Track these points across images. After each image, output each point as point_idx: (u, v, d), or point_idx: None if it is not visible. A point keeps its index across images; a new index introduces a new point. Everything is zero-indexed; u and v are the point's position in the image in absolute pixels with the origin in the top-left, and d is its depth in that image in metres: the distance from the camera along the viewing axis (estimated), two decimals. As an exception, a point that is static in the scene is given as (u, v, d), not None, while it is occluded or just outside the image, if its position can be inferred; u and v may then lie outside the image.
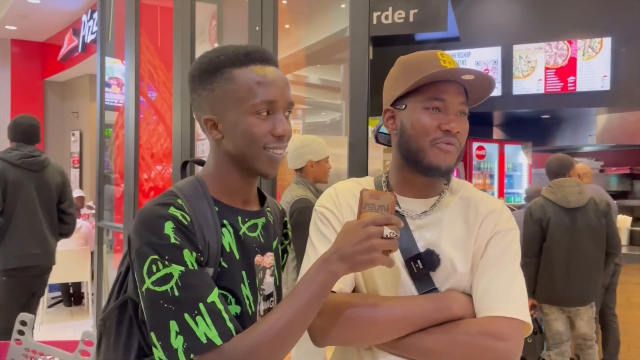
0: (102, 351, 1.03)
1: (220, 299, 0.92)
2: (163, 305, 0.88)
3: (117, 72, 6.22)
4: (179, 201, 0.95)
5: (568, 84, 5.32)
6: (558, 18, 5.33)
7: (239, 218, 1.04)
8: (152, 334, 0.89)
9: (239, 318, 0.97)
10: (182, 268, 0.90)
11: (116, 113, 5.60)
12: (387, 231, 0.91)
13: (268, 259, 1.09)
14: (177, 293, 0.88)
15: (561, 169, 3.43)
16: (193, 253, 0.92)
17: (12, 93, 10.51)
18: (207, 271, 0.95)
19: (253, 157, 1.00)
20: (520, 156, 6.82)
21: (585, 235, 3.26)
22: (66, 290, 6.13)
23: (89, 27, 8.39)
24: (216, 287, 0.93)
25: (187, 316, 0.88)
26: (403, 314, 1.01)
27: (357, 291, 1.12)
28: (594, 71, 5.20)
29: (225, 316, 0.91)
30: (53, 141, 11.16)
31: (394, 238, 0.92)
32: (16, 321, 1.84)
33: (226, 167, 1.03)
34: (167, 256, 0.90)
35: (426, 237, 1.10)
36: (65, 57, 9.66)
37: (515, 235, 1.12)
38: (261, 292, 1.07)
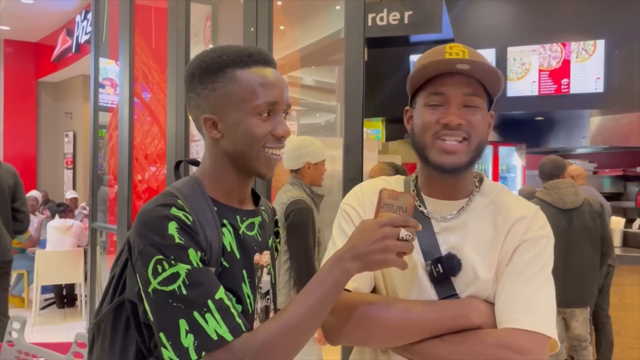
0: (96, 355, 1.02)
1: (227, 296, 0.92)
2: (171, 304, 0.87)
3: (111, 73, 6.19)
4: (180, 201, 0.95)
5: (562, 86, 5.34)
6: (552, 20, 5.36)
7: (238, 217, 1.03)
8: (161, 335, 0.88)
9: None
10: (189, 266, 0.89)
11: (110, 114, 5.58)
12: (404, 233, 0.90)
13: (265, 257, 1.09)
14: (185, 291, 0.88)
15: (555, 171, 3.44)
16: (198, 252, 0.91)
17: (5, 94, 10.45)
18: (211, 270, 0.95)
19: (252, 157, 1.00)
20: (514, 158, 6.84)
21: (581, 236, 3.27)
22: (59, 291, 6.10)
23: (83, 28, 8.36)
24: (221, 285, 0.93)
25: (197, 314, 0.87)
26: (416, 319, 0.98)
27: (377, 292, 1.10)
28: (588, 73, 5.23)
29: (234, 312, 0.90)
30: (46, 142, 11.10)
31: (410, 240, 0.90)
32: (9, 322, 1.83)
33: (223, 167, 1.03)
34: (173, 256, 0.89)
35: (450, 241, 1.06)
36: (58, 58, 9.62)
37: (547, 244, 1.06)
38: (259, 290, 1.07)
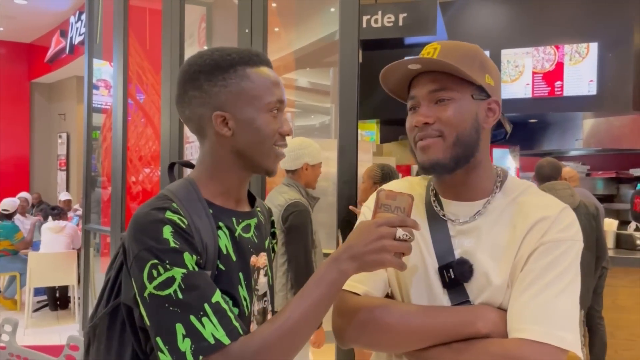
0: (92, 358, 1.01)
1: (223, 299, 0.91)
2: (168, 308, 0.87)
3: (105, 74, 6.17)
4: (174, 205, 0.94)
5: (555, 89, 5.37)
6: (545, 23, 5.38)
7: (234, 219, 1.03)
8: (158, 339, 0.87)
9: None
10: (184, 270, 0.88)
11: (104, 115, 5.56)
12: (400, 233, 0.89)
13: (262, 259, 1.09)
14: (181, 295, 0.87)
15: (553, 173, 3.45)
16: (193, 256, 0.91)
17: (-2, 94, 10.41)
18: (207, 273, 0.94)
19: (263, 154, 1.02)
20: (508, 160, 6.86)
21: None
22: (52, 294, 6.06)
23: (77, 29, 8.34)
24: (218, 288, 0.92)
25: (193, 318, 0.87)
26: (421, 325, 0.96)
27: (392, 297, 1.08)
28: (581, 76, 5.25)
29: (230, 315, 0.90)
30: (39, 143, 11.05)
31: (408, 240, 0.90)
32: (0, 325, 1.82)
33: (226, 166, 1.02)
34: (168, 260, 0.88)
35: (464, 245, 1.01)
36: (52, 59, 9.59)
37: (570, 247, 0.97)
38: (255, 293, 1.06)
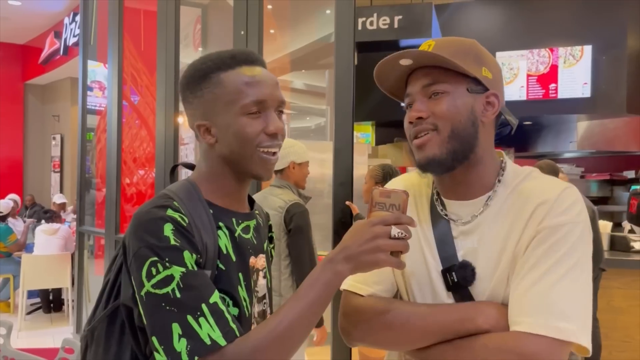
0: None
1: (222, 300, 0.91)
2: (165, 307, 0.86)
3: (100, 76, 6.16)
4: (176, 203, 0.94)
5: (550, 91, 5.39)
6: (540, 26, 5.41)
7: (234, 220, 1.03)
8: (154, 339, 0.87)
9: (237, 320, 0.95)
10: (183, 269, 0.88)
11: (98, 117, 5.54)
12: (395, 231, 0.87)
13: (261, 261, 1.09)
14: (179, 295, 0.86)
15: (551, 175, 3.47)
16: (193, 255, 0.90)
17: (-8, 96, 10.35)
18: (206, 273, 0.94)
19: (247, 159, 0.99)
20: (502, 162, 6.88)
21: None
22: (45, 296, 6.03)
23: (71, 30, 8.31)
24: (216, 289, 0.92)
25: (190, 318, 0.86)
26: (422, 323, 0.96)
27: (400, 298, 1.09)
28: (575, 78, 5.28)
29: (228, 316, 0.89)
30: (33, 145, 11.00)
31: (404, 238, 0.87)
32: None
33: (221, 171, 1.03)
34: (168, 258, 0.88)
35: (466, 245, 0.99)
36: (46, 60, 9.55)
37: (571, 230, 0.91)
38: (255, 294, 1.06)
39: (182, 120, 3.53)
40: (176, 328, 0.86)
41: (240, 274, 1.01)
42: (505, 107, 1.04)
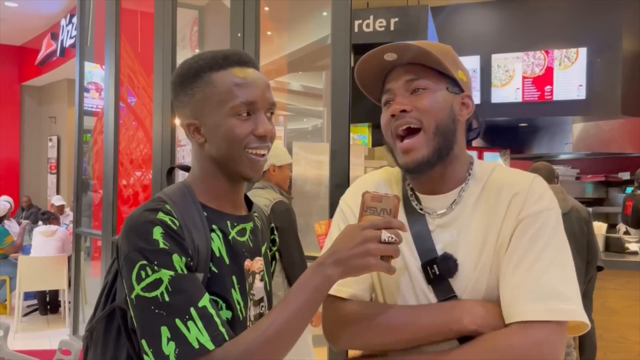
0: None
1: (211, 304, 0.91)
2: (154, 311, 0.87)
3: (96, 77, 6.16)
4: (167, 206, 0.95)
5: (545, 93, 5.41)
6: (535, 28, 5.44)
7: (228, 222, 1.03)
8: (143, 342, 0.87)
9: (230, 323, 0.96)
10: (172, 273, 0.88)
11: (95, 118, 5.54)
12: (386, 235, 0.86)
13: (257, 264, 1.08)
14: (168, 298, 0.87)
15: (548, 176, 3.47)
16: (183, 258, 0.90)
17: (-12, 97, 10.33)
18: (197, 276, 0.94)
19: (235, 159, 0.99)
20: (498, 164, 6.90)
21: (568, 242, 3.29)
22: (42, 298, 6.01)
23: (68, 31, 8.30)
24: (207, 292, 0.92)
25: (179, 321, 0.86)
26: (409, 325, 0.96)
27: (375, 297, 1.07)
28: (570, 80, 5.31)
29: (217, 320, 0.89)
30: (29, 146, 10.98)
31: (394, 243, 0.87)
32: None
33: (211, 172, 1.03)
34: (156, 261, 0.88)
35: (445, 239, 1.00)
36: (43, 62, 9.54)
37: (548, 216, 0.95)
38: (251, 297, 1.06)
39: (179, 121, 3.53)
40: (165, 331, 0.86)
41: (234, 277, 1.00)
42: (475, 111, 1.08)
